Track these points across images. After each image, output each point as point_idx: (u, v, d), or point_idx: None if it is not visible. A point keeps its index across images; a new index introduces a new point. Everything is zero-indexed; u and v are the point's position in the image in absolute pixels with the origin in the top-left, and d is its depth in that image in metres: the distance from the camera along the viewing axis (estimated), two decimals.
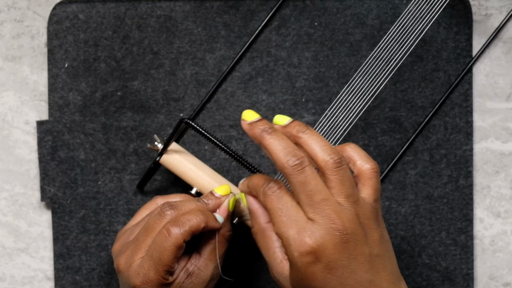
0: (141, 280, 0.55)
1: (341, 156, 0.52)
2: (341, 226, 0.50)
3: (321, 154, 0.52)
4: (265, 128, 0.53)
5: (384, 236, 0.53)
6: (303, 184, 0.51)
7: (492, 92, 0.70)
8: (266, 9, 0.68)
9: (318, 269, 0.51)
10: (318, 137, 0.53)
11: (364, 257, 0.51)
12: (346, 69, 0.68)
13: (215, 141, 0.60)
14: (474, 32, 0.69)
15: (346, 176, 0.51)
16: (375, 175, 0.53)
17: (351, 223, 0.51)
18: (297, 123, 0.54)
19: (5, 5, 0.69)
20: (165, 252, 0.55)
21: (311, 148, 0.52)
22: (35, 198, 0.69)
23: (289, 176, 0.51)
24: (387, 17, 0.68)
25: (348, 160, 0.54)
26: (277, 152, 0.52)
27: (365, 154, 0.54)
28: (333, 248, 0.50)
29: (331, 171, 0.51)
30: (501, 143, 0.69)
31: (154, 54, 0.68)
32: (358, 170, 0.53)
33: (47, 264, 0.69)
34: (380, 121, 0.68)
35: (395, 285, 0.53)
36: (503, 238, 0.69)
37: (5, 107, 0.69)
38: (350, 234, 0.51)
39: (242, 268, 0.68)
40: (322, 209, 0.51)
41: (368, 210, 0.52)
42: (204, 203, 0.58)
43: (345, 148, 0.54)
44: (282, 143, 0.52)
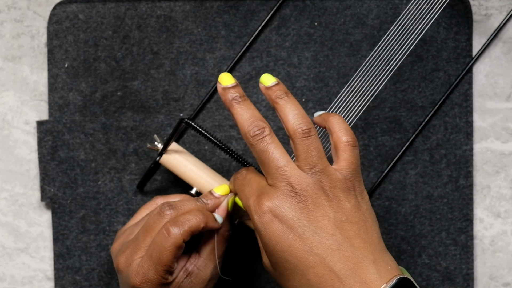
0: (141, 280, 0.56)
1: (310, 126, 0.53)
2: (298, 188, 0.52)
3: (291, 122, 0.53)
4: (235, 96, 0.55)
5: (360, 206, 0.53)
6: (263, 152, 0.53)
7: (492, 92, 0.70)
8: (266, 9, 0.68)
9: (278, 228, 0.52)
10: (293, 105, 0.54)
11: (328, 221, 0.51)
12: (346, 69, 0.68)
13: (215, 141, 0.60)
14: (474, 32, 0.69)
15: (312, 146, 0.52)
16: (350, 148, 0.54)
17: (309, 187, 0.52)
18: (279, 87, 0.55)
19: (5, 5, 0.69)
20: (164, 252, 0.55)
21: (284, 114, 0.54)
22: (35, 198, 0.69)
23: (252, 146, 0.53)
24: (387, 17, 0.68)
25: (328, 131, 0.55)
26: (242, 121, 0.54)
27: (346, 127, 0.55)
28: (289, 206, 0.52)
29: (298, 140, 0.53)
30: (501, 143, 0.69)
31: (154, 54, 0.68)
32: (334, 142, 0.54)
33: (47, 264, 0.69)
34: (380, 121, 0.68)
35: (374, 254, 0.51)
36: (503, 238, 0.69)
37: (5, 107, 0.69)
38: (308, 196, 0.52)
39: (242, 268, 0.68)
40: (280, 174, 0.52)
41: (337, 180, 0.52)
42: (204, 203, 0.58)
43: (329, 118, 0.55)
44: (247, 113, 0.54)
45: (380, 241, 0.53)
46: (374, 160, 0.68)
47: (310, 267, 0.51)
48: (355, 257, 0.51)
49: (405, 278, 0.50)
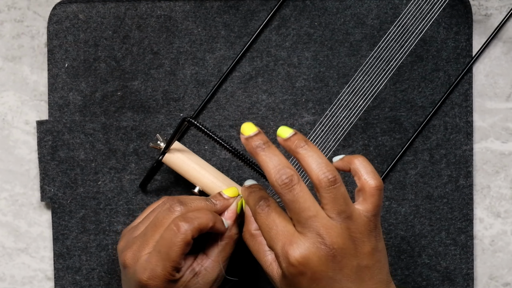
0: (148, 275, 0.55)
1: (335, 174, 0.53)
2: (328, 241, 0.52)
3: (316, 171, 0.52)
4: (259, 144, 0.54)
5: (378, 247, 0.54)
6: (292, 202, 0.52)
7: (492, 92, 0.70)
8: (266, 9, 0.68)
9: (304, 280, 0.52)
10: (315, 153, 0.53)
11: (350, 269, 0.53)
12: (346, 69, 0.68)
13: (218, 140, 0.60)
14: (474, 32, 0.69)
15: (339, 194, 0.52)
16: (378, 192, 0.54)
17: (339, 238, 0.52)
18: (298, 137, 0.54)
19: (5, 5, 0.69)
20: (173, 247, 0.55)
21: (307, 164, 0.53)
22: (35, 198, 0.69)
23: (280, 194, 0.53)
24: (387, 17, 0.68)
25: (354, 173, 0.55)
26: (268, 169, 0.53)
27: (372, 170, 0.54)
28: (318, 261, 0.52)
29: (324, 189, 0.52)
30: (501, 143, 0.69)
31: (154, 54, 0.68)
32: (362, 185, 0.54)
33: (47, 264, 0.69)
34: (380, 121, 0.68)
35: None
36: (503, 238, 0.69)
37: (5, 107, 0.69)
38: (337, 248, 0.52)
39: (244, 268, 0.68)
40: (310, 225, 0.52)
41: (362, 224, 0.53)
42: (213, 203, 0.59)
43: (353, 160, 0.55)
44: (274, 161, 0.53)
45: (388, 275, 0.55)
46: (374, 160, 0.68)
47: None
48: None
49: None
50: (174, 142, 0.63)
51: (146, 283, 0.56)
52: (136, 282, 0.56)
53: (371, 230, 0.53)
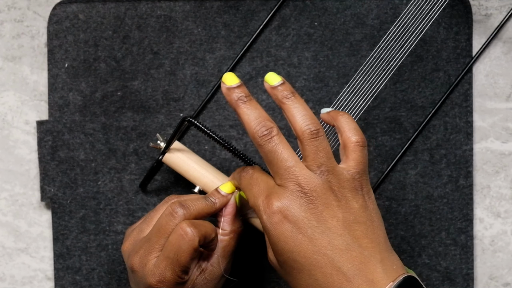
0: (157, 280, 0.56)
1: (318, 127, 0.53)
2: (307, 189, 0.52)
3: (299, 123, 0.53)
4: (241, 96, 0.54)
5: (368, 206, 0.53)
6: (271, 153, 0.53)
7: (492, 92, 0.70)
8: (266, 9, 0.68)
9: (287, 228, 0.52)
10: (301, 105, 0.54)
11: (337, 221, 0.52)
12: (346, 69, 0.68)
13: (218, 139, 0.60)
14: (474, 32, 0.69)
15: (321, 147, 0.52)
16: (359, 148, 0.54)
17: (318, 187, 0.52)
18: (285, 87, 0.55)
19: (5, 5, 0.69)
20: (182, 253, 0.55)
21: (292, 115, 0.53)
22: (35, 198, 0.69)
23: (259, 146, 0.53)
24: (387, 17, 0.68)
25: (337, 130, 0.55)
26: (248, 121, 0.53)
27: (355, 127, 0.54)
28: (299, 207, 0.52)
29: (306, 141, 0.53)
30: (501, 143, 0.69)
31: (154, 54, 0.68)
32: (344, 141, 0.54)
33: (47, 264, 0.69)
34: (380, 121, 0.68)
35: (381, 254, 0.52)
36: (503, 238, 0.69)
37: (5, 107, 0.69)
38: (318, 196, 0.52)
39: (243, 268, 0.68)
40: (289, 175, 0.52)
41: (344, 181, 0.53)
42: (212, 202, 0.59)
43: (338, 117, 0.55)
44: (254, 113, 0.54)
45: (386, 240, 0.54)
46: (374, 160, 0.68)
47: (318, 267, 0.51)
48: (362, 257, 0.51)
49: (410, 276, 0.51)
50: (174, 141, 0.63)
51: (155, 286, 0.56)
52: (146, 286, 0.56)
53: (356, 189, 0.53)
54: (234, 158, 0.68)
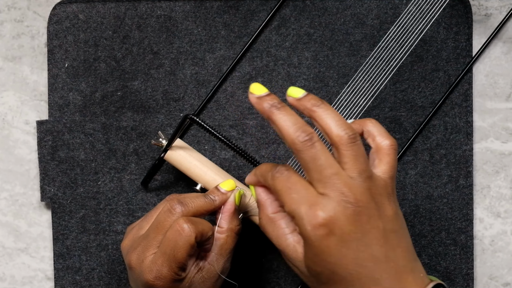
0: (154, 276, 0.56)
1: (355, 131, 0.51)
2: (352, 199, 0.50)
3: (335, 129, 0.51)
4: (274, 103, 0.52)
5: (398, 213, 0.52)
6: (313, 160, 0.50)
7: (492, 92, 0.70)
8: (266, 9, 0.68)
9: (332, 242, 0.50)
10: (333, 112, 0.52)
11: (378, 231, 0.50)
12: (346, 69, 0.68)
13: (220, 137, 0.60)
14: (474, 32, 0.69)
15: (360, 152, 0.51)
16: (392, 151, 0.52)
17: (363, 196, 0.50)
18: (312, 96, 0.53)
19: (5, 5, 0.69)
20: (179, 249, 0.55)
21: (326, 122, 0.51)
22: (35, 198, 0.69)
23: (299, 152, 0.51)
24: (387, 17, 0.68)
25: (367, 135, 0.54)
26: (286, 127, 0.51)
27: (385, 131, 0.53)
28: (345, 220, 0.50)
29: (345, 146, 0.50)
30: (501, 143, 0.69)
31: (154, 54, 0.68)
32: (377, 145, 0.53)
33: (47, 264, 0.69)
34: (380, 121, 0.68)
35: (411, 263, 0.52)
36: (503, 238, 0.69)
37: (5, 107, 0.69)
38: (362, 206, 0.50)
39: (243, 268, 0.68)
40: (333, 183, 0.50)
41: (381, 186, 0.51)
42: (211, 200, 0.58)
43: (366, 122, 0.54)
44: (291, 119, 0.51)
45: (413, 247, 0.53)
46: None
47: (358, 279, 0.50)
48: (398, 267, 0.51)
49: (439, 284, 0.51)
50: (176, 139, 0.63)
51: (152, 283, 0.56)
52: (143, 283, 0.56)
53: (390, 194, 0.52)
54: (235, 157, 0.68)
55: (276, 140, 0.68)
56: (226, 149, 0.68)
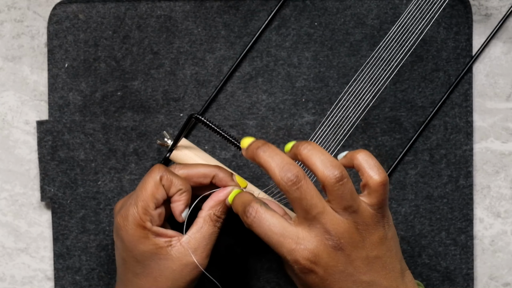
0: (122, 215, 0.57)
1: (341, 170, 0.52)
2: (335, 236, 0.52)
3: (321, 169, 0.52)
4: (258, 146, 0.54)
5: (387, 236, 0.54)
6: (300, 200, 0.52)
7: (492, 92, 0.70)
8: (266, 9, 0.68)
9: (317, 277, 0.52)
10: (319, 151, 0.53)
11: (361, 261, 0.52)
12: (346, 69, 0.68)
13: (225, 135, 0.60)
14: (474, 32, 0.69)
15: (346, 190, 0.52)
16: (382, 187, 0.53)
17: (346, 232, 0.52)
18: (301, 142, 0.54)
19: (5, 5, 0.69)
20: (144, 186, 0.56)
21: (312, 162, 0.52)
22: (35, 198, 0.69)
23: (286, 192, 0.52)
24: (387, 17, 0.68)
25: (357, 168, 0.54)
26: (272, 168, 0.52)
27: (375, 164, 0.54)
28: (327, 257, 0.52)
29: (331, 186, 0.52)
30: (501, 143, 0.69)
31: (154, 54, 0.68)
32: (366, 180, 0.54)
33: (47, 264, 0.69)
34: (380, 121, 0.68)
35: (397, 281, 0.54)
36: (503, 238, 0.69)
37: (5, 107, 0.69)
38: (344, 243, 0.52)
39: (242, 268, 0.68)
40: (317, 221, 0.52)
41: (368, 217, 0.53)
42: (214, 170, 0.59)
43: (356, 156, 0.54)
44: (276, 159, 0.53)
45: (402, 264, 0.55)
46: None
47: None
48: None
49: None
50: (181, 139, 0.63)
51: (118, 223, 0.57)
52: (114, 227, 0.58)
53: (378, 221, 0.53)
54: (235, 157, 0.68)
55: (276, 140, 0.68)
56: (226, 149, 0.68)
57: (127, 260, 0.57)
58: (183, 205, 0.58)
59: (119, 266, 0.59)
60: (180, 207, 0.58)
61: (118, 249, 0.58)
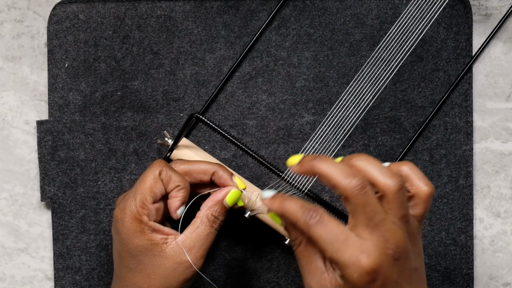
0: (120, 207, 0.58)
1: (401, 179, 0.52)
2: (394, 245, 0.51)
3: (381, 177, 0.52)
4: (314, 158, 0.53)
5: (422, 249, 0.55)
6: (364, 206, 0.51)
7: (492, 92, 0.70)
8: (266, 9, 0.68)
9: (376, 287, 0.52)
10: (375, 161, 0.53)
11: (408, 271, 0.53)
12: (346, 69, 0.68)
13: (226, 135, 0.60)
14: (474, 32, 0.69)
15: (404, 198, 0.52)
16: (430, 198, 0.53)
17: (402, 241, 0.52)
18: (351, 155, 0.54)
19: (5, 5, 0.69)
20: (143, 180, 0.57)
21: (370, 172, 0.52)
22: (35, 198, 0.69)
23: (351, 198, 0.51)
24: (387, 17, 0.68)
25: (405, 179, 0.54)
26: (335, 175, 0.51)
27: (423, 175, 0.54)
28: (387, 265, 0.51)
29: (393, 194, 0.52)
30: (501, 143, 0.69)
31: (154, 54, 0.68)
32: (416, 190, 0.54)
33: (47, 264, 0.69)
34: (380, 121, 0.68)
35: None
36: (503, 238, 0.69)
37: (5, 107, 0.69)
38: (401, 252, 0.52)
39: (242, 268, 0.68)
40: (379, 229, 0.51)
41: (415, 227, 0.53)
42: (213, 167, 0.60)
43: (402, 167, 0.54)
44: (337, 167, 0.52)
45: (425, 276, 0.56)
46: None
47: None
48: None
49: None
50: (182, 138, 0.63)
51: (115, 215, 0.58)
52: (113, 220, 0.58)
53: (420, 233, 0.54)
54: (235, 157, 0.68)
55: (276, 140, 0.68)
56: (226, 149, 0.68)
57: (122, 255, 0.58)
58: (179, 201, 0.58)
59: (115, 261, 0.60)
60: (176, 203, 0.58)
61: (115, 243, 0.59)
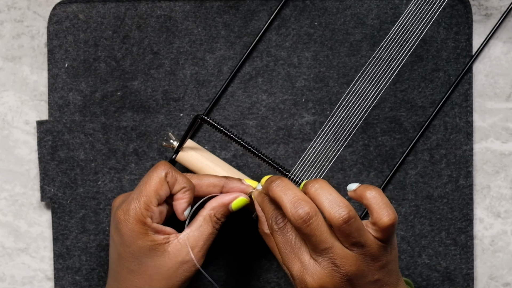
0: (123, 209, 0.57)
1: (348, 211, 0.52)
2: (342, 270, 0.53)
3: (328, 209, 0.53)
4: (272, 181, 0.55)
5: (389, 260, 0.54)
6: (310, 236, 0.53)
7: (492, 92, 0.70)
8: (266, 9, 0.68)
9: None
10: (327, 190, 0.53)
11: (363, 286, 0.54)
12: (346, 69, 0.68)
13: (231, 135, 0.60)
14: (474, 32, 0.69)
15: (353, 229, 0.52)
16: (391, 227, 0.53)
17: (353, 265, 0.53)
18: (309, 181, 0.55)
19: (5, 5, 0.69)
20: (148, 182, 0.57)
21: (320, 202, 0.53)
22: (35, 198, 0.69)
23: (296, 228, 0.53)
24: (387, 17, 0.68)
25: (366, 207, 0.55)
26: (284, 203, 0.53)
27: (385, 203, 0.54)
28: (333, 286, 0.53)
29: (338, 227, 0.52)
30: (501, 143, 0.69)
31: (154, 54, 0.68)
32: (375, 220, 0.54)
33: (47, 264, 0.69)
34: (380, 121, 0.68)
35: None
36: (503, 238, 0.69)
37: (5, 107, 0.69)
38: (351, 275, 0.53)
39: (242, 268, 0.68)
40: (326, 255, 0.53)
41: (376, 249, 0.53)
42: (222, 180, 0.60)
43: (365, 194, 0.54)
44: (288, 194, 0.53)
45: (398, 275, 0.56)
46: (374, 160, 0.68)
47: None
48: None
49: None
50: (187, 140, 0.63)
51: (118, 217, 0.57)
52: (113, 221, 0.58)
53: (385, 250, 0.54)
54: (235, 157, 0.68)
55: (276, 140, 0.68)
56: (226, 149, 0.68)
57: (124, 256, 0.57)
58: (186, 203, 0.58)
59: (113, 262, 0.59)
60: (183, 205, 0.58)
61: (115, 244, 0.58)
